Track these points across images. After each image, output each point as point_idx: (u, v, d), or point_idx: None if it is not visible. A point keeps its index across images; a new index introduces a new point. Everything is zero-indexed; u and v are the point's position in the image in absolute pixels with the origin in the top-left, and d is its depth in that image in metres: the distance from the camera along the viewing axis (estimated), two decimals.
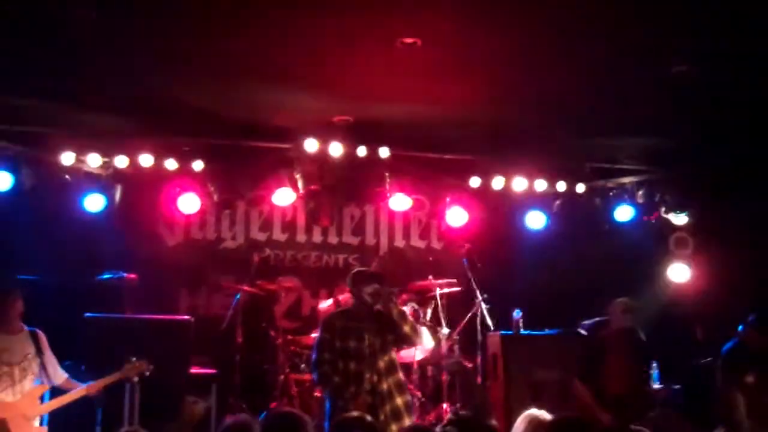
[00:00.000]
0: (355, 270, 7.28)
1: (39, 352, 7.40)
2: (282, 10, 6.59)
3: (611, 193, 10.76)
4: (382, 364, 6.82)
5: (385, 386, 6.76)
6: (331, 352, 6.83)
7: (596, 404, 7.69)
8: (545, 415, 5.08)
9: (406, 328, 6.86)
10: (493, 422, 5.78)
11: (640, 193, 10.68)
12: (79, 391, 7.37)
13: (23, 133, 9.32)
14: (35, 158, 9.46)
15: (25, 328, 7.46)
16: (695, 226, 10.72)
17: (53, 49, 7.33)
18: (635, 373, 8.01)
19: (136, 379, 7.53)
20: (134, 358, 7.50)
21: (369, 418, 5.09)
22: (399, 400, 6.80)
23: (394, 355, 7.04)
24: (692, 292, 10.62)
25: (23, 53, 7.44)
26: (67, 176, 9.55)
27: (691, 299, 10.55)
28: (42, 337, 7.51)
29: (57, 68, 7.81)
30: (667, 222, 10.74)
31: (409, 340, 7.08)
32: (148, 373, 7.54)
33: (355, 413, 5.21)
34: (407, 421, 6.77)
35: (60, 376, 7.52)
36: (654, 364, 9.05)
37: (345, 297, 9.85)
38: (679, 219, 10.67)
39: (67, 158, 9.44)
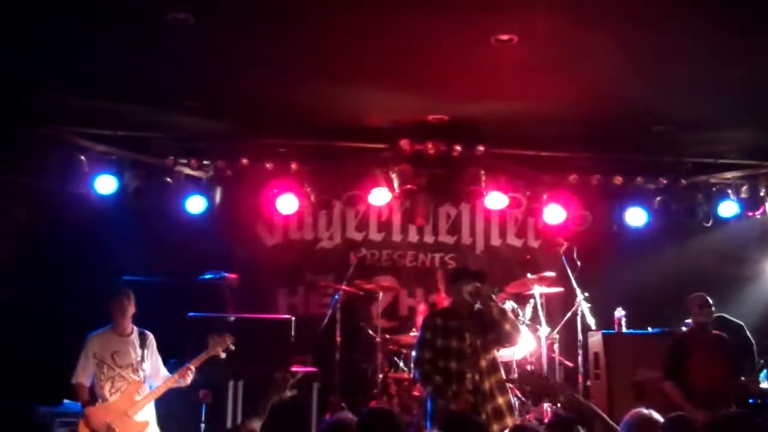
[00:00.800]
0: (455, 267, 7.18)
1: (146, 352, 7.60)
2: (377, 10, 6.61)
3: (714, 189, 10.47)
4: (484, 363, 6.73)
5: (487, 385, 6.67)
6: (433, 351, 6.78)
7: (687, 403, 7.65)
8: (654, 415, 4.95)
9: (507, 327, 6.71)
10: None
11: (744, 188, 10.38)
12: (171, 379, 7.52)
13: (126, 138, 9.55)
14: (138, 162, 9.71)
15: (136, 329, 7.67)
16: None
17: (153, 54, 7.50)
18: (722, 366, 7.88)
19: (223, 355, 7.64)
20: (215, 335, 7.65)
21: (476, 417, 5.08)
22: (501, 400, 6.72)
23: (495, 354, 6.96)
24: None
25: (125, 59, 7.63)
26: (168, 179, 9.75)
27: None
28: (151, 338, 7.71)
29: (157, 73, 7.99)
30: None
31: (510, 339, 6.90)
32: (233, 347, 7.66)
33: (460, 412, 5.19)
34: (509, 421, 6.67)
35: (162, 377, 7.69)
36: (762, 362, 8.86)
37: (438, 298, 9.89)
38: None
39: (169, 161, 9.63)
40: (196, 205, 9.89)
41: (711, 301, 8.08)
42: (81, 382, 7.47)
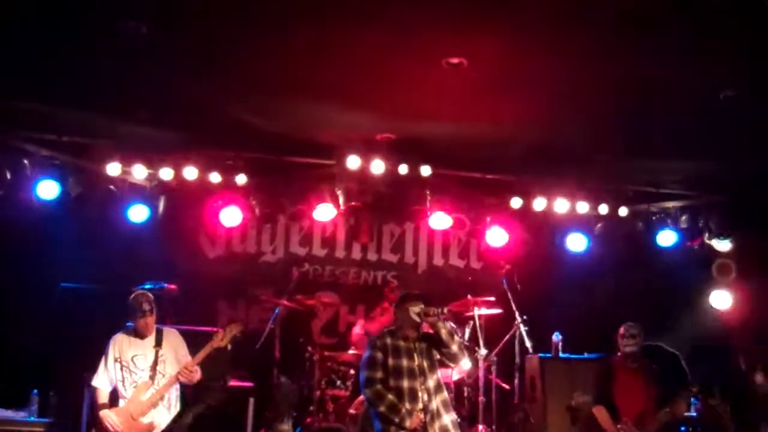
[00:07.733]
0: (402, 292, 7.26)
1: (162, 351, 7.42)
2: (329, 28, 6.64)
3: (654, 218, 10.66)
4: (431, 383, 6.80)
5: (434, 405, 6.73)
6: (384, 371, 6.79)
7: (615, 428, 7.77)
8: None
9: (455, 348, 6.84)
10: None
11: (684, 218, 10.57)
12: (172, 377, 7.31)
13: (70, 143, 9.43)
14: (82, 168, 9.59)
15: (155, 329, 7.48)
16: (739, 252, 10.57)
17: (103, 61, 7.44)
18: (646, 394, 7.97)
19: (229, 347, 7.61)
20: (223, 327, 7.66)
21: None
22: (446, 419, 6.77)
23: (439, 374, 7.03)
24: (735, 319, 10.48)
25: (73, 65, 7.56)
26: (112, 187, 9.67)
27: (734, 327, 10.41)
28: (168, 334, 7.54)
29: (106, 80, 7.91)
30: (711, 248, 10.60)
31: (456, 360, 7.02)
32: (240, 335, 7.65)
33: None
34: None
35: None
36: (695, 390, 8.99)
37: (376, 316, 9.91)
38: (723, 245, 10.53)
39: (113, 169, 9.54)
40: (138, 213, 9.80)
41: (637, 332, 8.11)
42: (97, 386, 7.31)
